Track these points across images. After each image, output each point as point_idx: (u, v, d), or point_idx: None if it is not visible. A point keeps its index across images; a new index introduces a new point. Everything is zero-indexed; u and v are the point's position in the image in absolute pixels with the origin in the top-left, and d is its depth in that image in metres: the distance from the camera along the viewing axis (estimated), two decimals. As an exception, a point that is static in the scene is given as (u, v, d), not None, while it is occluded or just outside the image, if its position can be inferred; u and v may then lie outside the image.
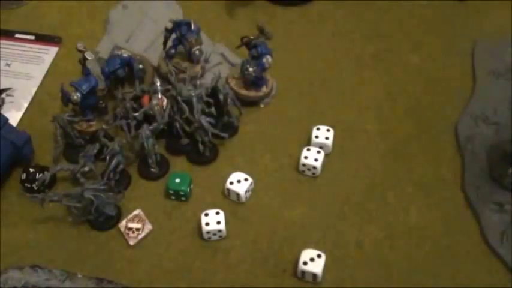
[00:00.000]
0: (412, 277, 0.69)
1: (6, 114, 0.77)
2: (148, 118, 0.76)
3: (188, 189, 0.74)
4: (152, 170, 0.76)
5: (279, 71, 0.84)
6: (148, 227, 0.72)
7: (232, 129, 0.79)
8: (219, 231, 0.70)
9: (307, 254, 0.68)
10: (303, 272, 0.67)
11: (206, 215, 0.71)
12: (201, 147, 0.77)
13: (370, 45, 0.88)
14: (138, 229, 0.72)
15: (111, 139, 0.75)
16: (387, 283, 0.68)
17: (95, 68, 0.80)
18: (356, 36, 0.90)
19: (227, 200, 0.75)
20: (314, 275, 0.67)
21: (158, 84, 0.77)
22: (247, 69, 0.79)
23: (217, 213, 0.71)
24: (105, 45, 0.86)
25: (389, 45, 0.89)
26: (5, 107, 0.83)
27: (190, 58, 0.81)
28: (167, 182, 0.74)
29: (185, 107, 0.75)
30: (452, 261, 0.70)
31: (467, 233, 0.72)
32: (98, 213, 0.71)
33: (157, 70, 0.84)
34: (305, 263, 0.67)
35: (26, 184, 0.74)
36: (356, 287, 0.68)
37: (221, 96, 0.77)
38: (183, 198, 0.74)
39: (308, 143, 0.78)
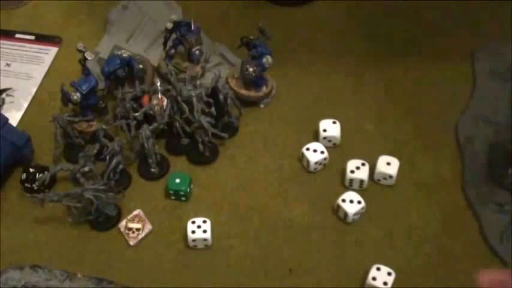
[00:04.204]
0: (412, 277, 0.69)
1: (6, 114, 0.77)
2: (148, 118, 0.76)
3: (188, 189, 0.74)
4: (152, 170, 0.76)
5: (279, 71, 0.84)
6: (148, 227, 0.72)
7: (232, 129, 0.79)
8: (205, 239, 0.70)
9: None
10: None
11: (193, 222, 0.70)
12: (201, 147, 0.77)
13: (370, 45, 0.88)
14: (138, 229, 0.72)
15: (111, 139, 0.75)
16: (387, 283, 0.68)
17: (95, 68, 0.80)
18: (356, 36, 0.90)
19: (226, 200, 0.75)
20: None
21: (158, 84, 0.77)
22: (247, 69, 0.79)
23: (204, 221, 0.71)
24: (105, 45, 0.86)
25: (389, 45, 0.89)
26: (5, 107, 0.83)
27: (190, 58, 0.81)
28: (167, 182, 0.74)
29: (185, 107, 0.75)
30: (452, 261, 0.70)
31: (467, 233, 0.72)
32: (98, 213, 0.71)
33: (157, 70, 0.84)
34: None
35: (26, 184, 0.74)
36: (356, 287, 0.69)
37: (221, 96, 0.77)
38: (183, 198, 0.74)
39: (309, 141, 0.78)
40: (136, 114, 0.76)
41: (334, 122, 0.78)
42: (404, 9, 0.93)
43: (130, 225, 0.72)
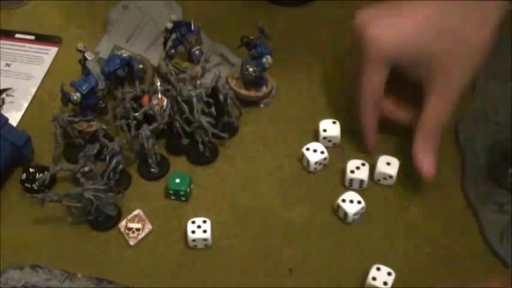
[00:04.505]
0: (412, 277, 0.69)
1: (6, 114, 0.77)
2: (148, 118, 0.76)
3: (188, 189, 0.74)
4: (152, 170, 0.76)
5: (279, 71, 0.84)
6: (148, 227, 0.72)
7: (232, 129, 0.79)
8: (205, 239, 0.70)
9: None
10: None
11: (193, 222, 0.70)
12: (201, 147, 0.77)
13: (370, 45, 0.88)
14: (138, 229, 0.72)
15: (111, 139, 0.75)
16: (387, 283, 0.68)
17: (95, 68, 0.80)
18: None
19: (226, 200, 0.75)
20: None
21: (158, 84, 0.77)
22: (247, 69, 0.79)
23: (204, 221, 0.71)
24: (105, 45, 0.86)
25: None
26: (5, 107, 0.83)
27: (190, 58, 0.81)
28: (167, 182, 0.74)
29: (185, 107, 0.75)
30: (452, 261, 0.70)
31: (467, 233, 0.72)
32: (98, 213, 0.71)
33: (157, 70, 0.84)
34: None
35: (26, 184, 0.74)
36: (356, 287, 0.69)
37: (221, 96, 0.77)
38: (183, 198, 0.74)
39: (309, 141, 0.77)
40: (136, 114, 0.76)
41: (334, 122, 0.78)
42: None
43: (130, 225, 0.72)
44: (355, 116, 0.77)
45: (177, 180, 0.74)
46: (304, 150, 0.76)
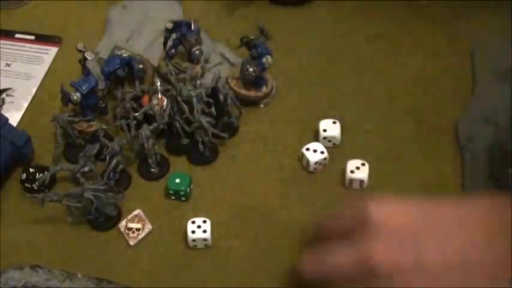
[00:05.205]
0: (412, 277, 0.69)
1: (6, 114, 0.77)
2: (148, 118, 0.76)
3: (188, 189, 0.74)
4: (152, 170, 0.76)
5: (279, 71, 0.84)
6: (148, 227, 0.72)
7: (232, 129, 0.79)
8: (205, 239, 0.70)
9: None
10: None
11: (193, 222, 0.70)
12: (201, 147, 0.77)
13: (370, 45, 0.88)
14: (138, 229, 0.72)
15: (111, 139, 0.75)
16: (387, 283, 0.68)
17: (95, 68, 0.80)
18: (356, 36, 0.90)
19: (226, 200, 0.75)
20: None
21: (158, 84, 0.77)
22: (247, 69, 0.79)
23: (204, 221, 0.71)
24: (105, 45, 0.86)
25: (389, 45, 0.89)
26: (5, 107, 0.83)
27: (190, 58, 0.81)
28: (167, 182, 0.74)
29: (185, 107, 0.75)
30: (452, 261, 0.70)
31: (467, 233, 0.72)
32: (98, 213, 0.71)
33: (157, 70, 0.84)
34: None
35: (26, 184, 0.74)
36: None
37: (221, 96, 0.77)
38: (183, 198, 0.74)
39: (309, 141, 0.78)
40: (136, 114, 0.76)
41: (334, 122, 0.78)
42: (404, 9, 0.93)
43: (130, 225, 0.72)
44: (355, 116, 0.77)
45: (177, 180, 0.74)
46: (304, 150, 0.76)
